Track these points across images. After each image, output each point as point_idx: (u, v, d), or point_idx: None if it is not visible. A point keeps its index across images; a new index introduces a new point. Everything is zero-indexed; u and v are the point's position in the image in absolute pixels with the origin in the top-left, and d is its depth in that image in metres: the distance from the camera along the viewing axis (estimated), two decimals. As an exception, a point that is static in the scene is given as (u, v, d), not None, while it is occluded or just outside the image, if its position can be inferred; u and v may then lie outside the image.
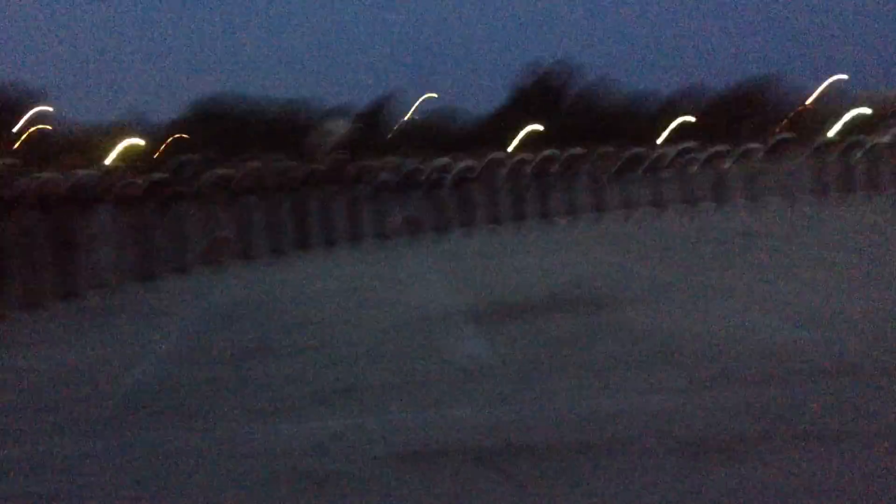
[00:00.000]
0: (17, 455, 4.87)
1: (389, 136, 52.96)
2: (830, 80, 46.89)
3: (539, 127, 46.80)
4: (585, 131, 40.21)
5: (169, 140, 51.10)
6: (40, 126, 53.03)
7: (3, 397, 6.22)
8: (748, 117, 47.18)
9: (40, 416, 5.69)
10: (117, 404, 5.84)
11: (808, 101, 47.73)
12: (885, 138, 22.26)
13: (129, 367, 6.88)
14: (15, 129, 52.47)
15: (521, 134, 45.16)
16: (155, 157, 36.31)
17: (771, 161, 22.35)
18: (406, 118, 62.08)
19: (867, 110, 37.31)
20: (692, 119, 48.22)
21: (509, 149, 20.01)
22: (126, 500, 4.12)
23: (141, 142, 47.67)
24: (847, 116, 36.61)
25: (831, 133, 31.18)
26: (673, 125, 47.79)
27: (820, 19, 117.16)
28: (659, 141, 29.94)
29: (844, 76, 47.14)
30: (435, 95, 60.32)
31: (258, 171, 15.05)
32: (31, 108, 54.16)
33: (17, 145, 43.29)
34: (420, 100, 59.70)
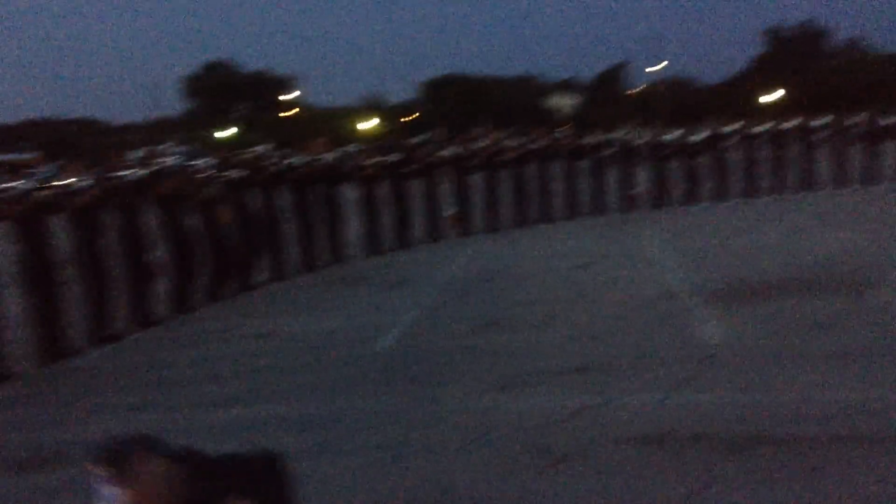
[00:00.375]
0: (278, 413, 5.34)
1: (618, 107, 51.86)
2: None
3: (782, 94, 43.80)
4: (835, 98, 37.14)
5: (404, 120, 53.42)
6: (291, 111, 57.45)
7: (265, 360, 6.83)
8: None
9: (296, 377, 6.20)
10: (364, 370, 6.23)
11: None
12: None
13: (373, 335, 7.30)
14: (270, 114, 57.24)
15: (762, 102, 42.46)
16: (391, 136, 38.06)
17: None
18: (636, 89, 60.51)
19: None
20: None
21: (748, 118, 18.77)
22: (370, 461, 4.39)
23: (379, 123, 50.34)
24: None
25: None
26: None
27: None
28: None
29: None
30: (665, 63, 58.22)
31: (486, 149, 15.29)
32: (283, 95, 58.80)
33: (272, 128, 47.09)
34: (651, 70, 57.92)
